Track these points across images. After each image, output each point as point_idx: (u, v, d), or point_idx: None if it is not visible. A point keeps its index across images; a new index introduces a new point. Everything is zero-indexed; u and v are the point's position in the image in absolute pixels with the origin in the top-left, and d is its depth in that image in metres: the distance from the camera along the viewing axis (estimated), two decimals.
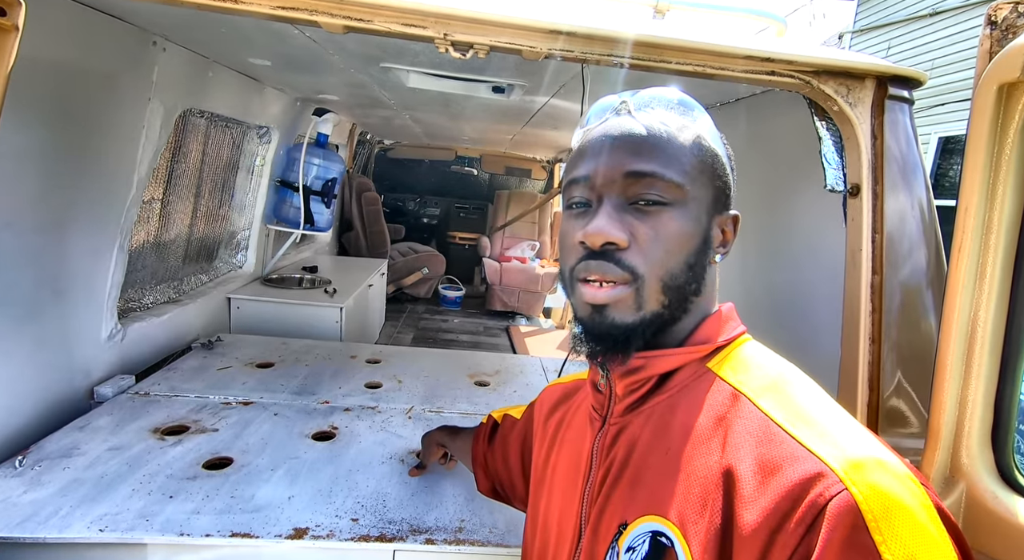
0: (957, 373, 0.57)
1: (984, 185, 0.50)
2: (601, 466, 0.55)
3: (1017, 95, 0.47)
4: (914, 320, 0.88)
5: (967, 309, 0.55)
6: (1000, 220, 0.51)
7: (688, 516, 0.45)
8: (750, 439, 0.45)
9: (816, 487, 0.40)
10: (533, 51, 0.86)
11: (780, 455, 0.43)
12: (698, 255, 0.52)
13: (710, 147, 0.54)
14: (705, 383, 0.51)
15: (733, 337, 0.55)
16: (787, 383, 0.49)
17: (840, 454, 0.42)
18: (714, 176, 0.54)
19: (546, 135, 3.41)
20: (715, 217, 0.54)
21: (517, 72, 1.59)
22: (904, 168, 0.88)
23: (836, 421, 0.45)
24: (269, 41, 1.49)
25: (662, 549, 0.46)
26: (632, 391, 0.54)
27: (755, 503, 0.42)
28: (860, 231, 0.86)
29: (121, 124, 1.45)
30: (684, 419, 0.50)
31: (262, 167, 2.66)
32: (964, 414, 0.59)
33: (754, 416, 0.47)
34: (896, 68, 0.86)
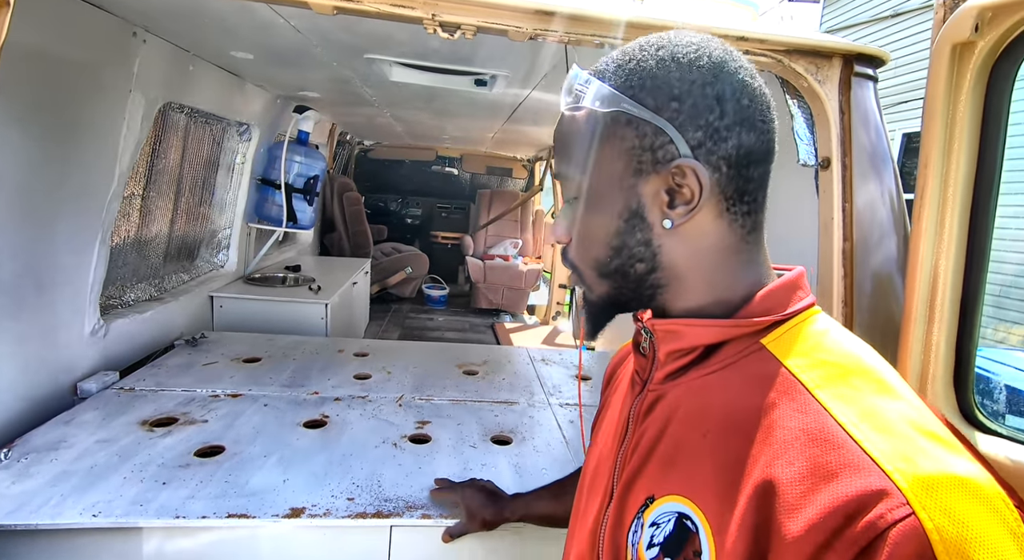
0: (922, 320, 0.62)
1: (942, 141, 0.55)
2: (635, 433, 0.52)
3: (968, 54, 0.52)
4: (882, 282, 0.93)
5: (929, 259, 0.59)
6: (957, 173, 0.56)
7: (718, 507, 0.42)
8: (802, 436, 0.39)
9: (877, 507, 0.34)
10: (519, 32, 0.89)
11: (837, 461, 0.37)
12: (624, 235, 0.48)
13: (605, 116, 0.48)
14: (756, 362, 0.45)
15: (798, 310, 0.47)
16: (858, 372, 0.42)
17: (911, 468, 0.35)
18: (618, 143, 0.47)
19: (527, 132, 3.45)
20: (638, 184, 0.47)
21: (501, 62, 1.62)
22: (870, 141, 0.93)
23: (915, 424, 0.38)
24: (253, 33, 1.49)
25: (686, 532, 0.43)
26: (674, 359, 0.50)
27: (800, 512, 0.37)
28: (831, 201, 0.91)
29: (102, 116, 1.44)
30: (727, 401, 0.45)
31: (243, 165, 2.64)
32: (929, 359, 0.63)
33: (811, 409, 0.40)
34: (860, 47, 0.91)
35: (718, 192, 0.46)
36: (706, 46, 0.47)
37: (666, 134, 0.45)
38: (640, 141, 0.46)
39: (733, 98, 0.45)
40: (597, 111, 0.48)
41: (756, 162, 0.47)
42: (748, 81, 0.46)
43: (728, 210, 0.47)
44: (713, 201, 0.47)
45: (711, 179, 0.46)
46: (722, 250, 0.48)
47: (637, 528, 0.48)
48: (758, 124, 0.46)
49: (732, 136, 0.45)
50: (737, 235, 0.48)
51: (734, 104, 0.45)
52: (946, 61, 0.52)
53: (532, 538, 1.08)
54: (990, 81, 0.53)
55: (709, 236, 0.47)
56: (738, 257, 0.48)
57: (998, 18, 0.49)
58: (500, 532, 1.02)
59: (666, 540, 0.45)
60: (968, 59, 0.52)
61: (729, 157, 0.46)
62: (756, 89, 0.47)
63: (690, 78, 0.45)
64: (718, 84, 0.45)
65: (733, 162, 0.46)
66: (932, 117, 0.55)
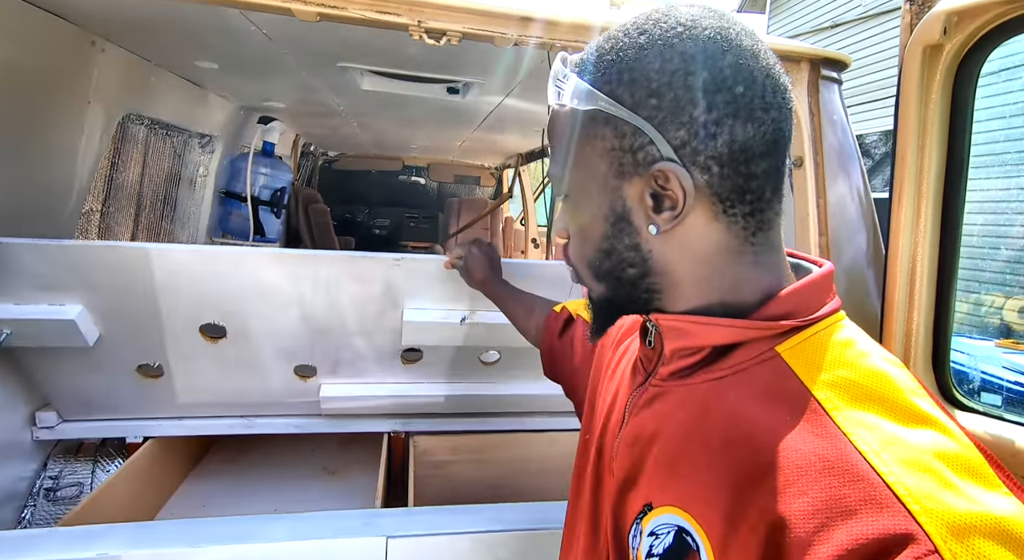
0: (903, 308, 0.66)
1: (915, 137, 0.59)
2: (632, 424, 0.49)
3: (938, 56, 0.56)
4: (857, 273, 0.98)
5: (908, 249, 0.63)
6: (929, 167, 0.60)
7: (722, 528, 0.38)
8: (818, 463, 0.35)
9: (902, 554, 0.30)
10: (504, 38, 0.90)
11: (856, 496, 0.33)
12: (612, 239, 0.45)
13: (584, 114, 0.44)
14: (770, 373, 0.41)
15: (819, 316, 0.42)
16: (883, 394, 0.37)
17: (940, 508, 0.31)
18: (599, 143, 0.44)
19: (495, 140, 3.47)
20: (622, 186, 0.43)
21: (476, 69, 1.63)
22: (838, 140, 0.98)
23: (946, 455, 0.34)
24: (220, 41, 1.45)
25: (686, 548, 0.40)
26: (680, 357, 0.46)
27: (813, 550, 0.33)
28: (806, 198, 0.96)
29: (59, 128, 1.37)
30: (735, 412, 0.41)
31: (205, 178, 2.55)
32: (910, 343, 0.67)
33: (828, 433, 0.36)
34: (826, 52, 0.97)
35: (710, 194, 0.41)
36: (694, 26, 0.41)
37: (646, 134, 0.41)
38: (620, 142, 0.42)
39: (724, 87, 0.39)
40: (575, 111, 0.44)
41: (758, 156, 0.41)
42: (743, 63, 0.40)
43: (725, 212, 0.42)
44: (706, 204, 0.42)
45: (701, 181, 0.41)
46: (722, 254, 0.43)
47: (636, 533, 0.46)
48: (757, 113, 0.40)
49: (723, 132, 0.40)
50: (739, 237, 0.43)
51: (725, 94, 0.39)
52: (917, 62, 0.56)
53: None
54: (957, 80, 0.58)
55: (705, 240, 0.43)
56: (742, 260, 0.43)
57: (963, 22, 0.54)
58: (499, 537, 1.02)
59: (666, 552, 0.42)
60: (937, 60, 0.56)
61: (720, 156, 0.40)
62: (755, 71, 0.40)
63: (671, 68, 0.40)
64: (704, 72, 0.39)
65: (726, 160, 0.40)
66: (906, 115, 0.59)
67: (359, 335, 1.37)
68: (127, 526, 0.96)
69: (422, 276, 1.27)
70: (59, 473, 1.41)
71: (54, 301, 1.17)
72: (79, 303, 1.18)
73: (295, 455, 1.76)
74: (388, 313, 1.33)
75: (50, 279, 1.16)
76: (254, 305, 1.26)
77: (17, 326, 1.15)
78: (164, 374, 1.35)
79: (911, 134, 0.59)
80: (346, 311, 1.31)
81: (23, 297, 1.16)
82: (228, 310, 1.26)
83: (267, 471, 1.68)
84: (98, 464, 1.46)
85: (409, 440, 1.57)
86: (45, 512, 1.35)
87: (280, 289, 1.25)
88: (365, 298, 1.29)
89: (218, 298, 1.24)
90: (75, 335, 1.19)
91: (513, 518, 1.06)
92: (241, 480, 1.62)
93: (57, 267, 1.14)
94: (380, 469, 1.42)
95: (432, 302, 1.32)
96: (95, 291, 1.19)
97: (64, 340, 1.20)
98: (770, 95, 0.41)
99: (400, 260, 1.23)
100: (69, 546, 0.90)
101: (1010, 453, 0.57)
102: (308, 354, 1.39)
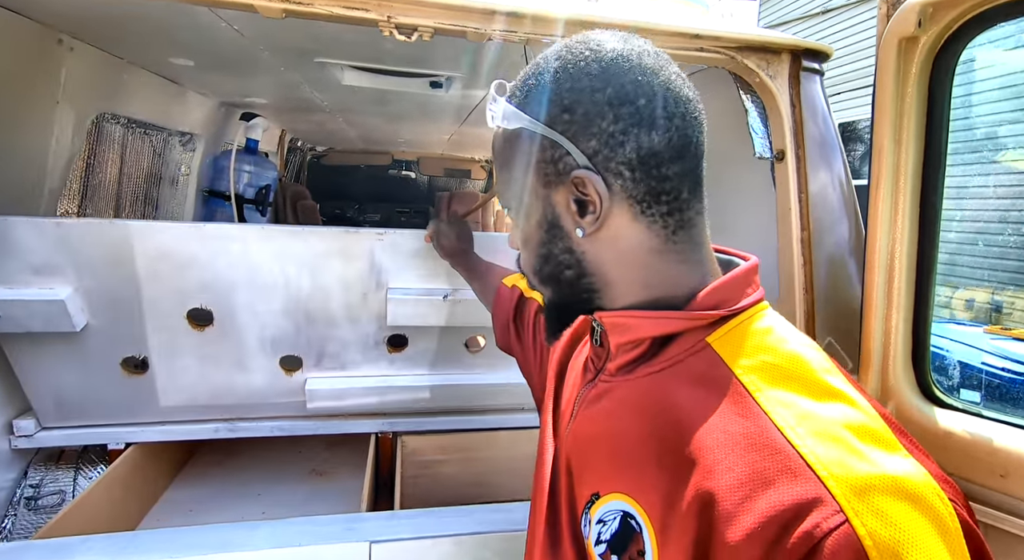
0: (881, 304, 0.65)
1: (892, 130, 0.57)
2: (581, 419, 0.54)
3: (913, 48, 0.55)
4: (838, 267, 0.97)
5: (886, 244, 0.62)
6: (907, 162, 0.59)
7: (661, 509, 0.42)
8: (743, 441, 0.39)
9: (811, 515, 0.34)
10: (477, 33, 0.87)
11: (774, 467, 0.37)
12: (548, 244, 0.49)
13: (510, 131, 0.49)
14: (701, 362, 0.45)
15: (744, 306, 0.46)
16: (798, 374, 0.42)
17: (844, 473, 0.35)
18: (526, 157, 0.48)
19: (483, 134, 3.43)
20: (550, 195, 0.48)
21: (456, 63, 1.60)
22: (820, 132, 0.97)
23: (853, 425, 0.38)
24: (192, 38, 1.42)
25: (631, 531, 0.44)
26: (624, 352, 0.50)
27: (738, 520, 0.37)
28: (788, 192, 0.94)
29: (26, 131, 1.33)
30: (671, 401, 0.45)
31: (187, 177, 2.51)
32: (889, 340, 0.66)
33: (751, 413, 0.40)
34: (807, 43, 0.95)
35: (627, 197, 0.46)
36: (599, 50, 0.46)
37: (562, 146, 0.46)
38: (542, 155, 0.47)
39: (626, 101, 0.44)
40: (504, 129, 0.50)
41: (668, 161, 0.45)
42: (643, 80, 0.45)
43: (643, 213, 0.46)
44: (624, 205, 0.46)
45: (616, 185, 0.45)
46: (647, 252, 0.47)
47: (586, 522, 0.49)
48: (660, 122, 0.45)
49: (629, 139, 0.44)
50: (660, 236, 0.47)
51: (628, 107, 0.44)
52: (893, 55, 0.55)
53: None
54: (933, 73, 0.56)
55: (629, 239, 0.47)
56: (667, 258, 0.47)
57: (939, 13, 0.52)
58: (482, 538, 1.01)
59: (612, 537, 0.45)
60: (913, 52, 0.55)
61: (630, 161, 0.45)
62: (655, 86, 0.45)
63: (579, 87, 0.45)
64: (608, 89, 0.44)
65: (636, 165, 0.45)
66: (882, 108, 0.58)
67: (345, 320, 1.38)
68: (105, 537, 0.94)
69: (405, 252, 1.33)
70: (40, 481, 1.39)
71: (44, 284, 1.19)
72: (69, 286, 1.19)
73: (282, 457, 1.75)
74: (372, 295, 1.36)
75: (43, 259, 1.17)
76: (242, 286, 1.28)
77: (6, 308, 1.15)
78: (148, 369, 1.34)
79: (887, 126, 0.57)
80: (332, 292, 1.34)
81: (15, 280, 1.17)
82: (216, 292, 1.28)
83: (254, 474, 1.66)
84: (80, 471, 1.44)
85: (397, 440, 1.56)
86: (26, 521, 1.33)
87: (267, 267, 1.28)
88: (351, 277, 1.33)
89: (208, 278, 1.26)
90: (63, 319, 1.18)
91: (497, 519, 1.06)
92: (228, 484, 1.61)
93: (51, 245, 1.16)
94: (367, 472, 1.41)
95: (416, 281, 1.37)
96: (86, 272, 1.20)
97: (52, 324, 1.19)
98: (672, 106, 0.45)
99: (383, 234, 1.30)
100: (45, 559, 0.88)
101: (987, 452, 0.57)
102: (293, 343, 1.39)
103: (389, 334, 1.44)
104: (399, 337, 1.46)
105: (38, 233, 1.15)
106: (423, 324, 1.39)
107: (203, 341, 1.34)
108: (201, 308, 1.30)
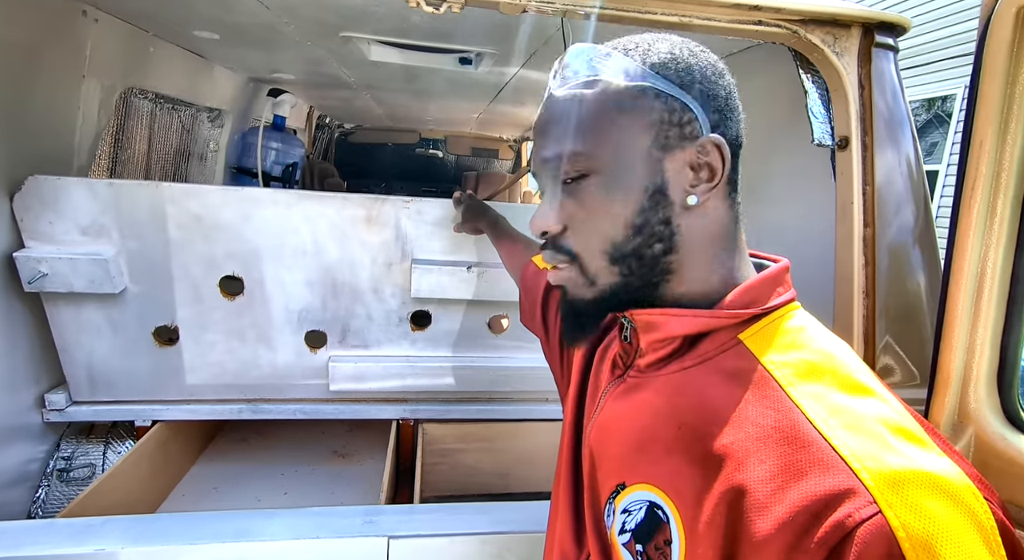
0: (966, 318, 0.56)
1: (998, 120, 0.49)
2: (607, 412, 0.54)
3: None
4: (903, 272, 0.88)
5: (977, 252, 0.54)
6: (1012, 158, 0.50)
7: (690, 499, 0.42)
8: (774, 434, 0.39)
9: (843, 506, 0.34)
10: (511, 5, 0.80)
11: (806, 459, 0.37)
12: (645, 213, 0.47)
13: (625, 89, 0.46)
14: (733, 358, 0.45)
15: (776, 305, 0.47)
16: (831, 369, 0.42)
17: (878, 466, 0.35)
18: (644, 116, 0.46)
19: (512, 112, 3.34)
20: (665, 158, 0.46)
21: (487, 38, 1.52)
22: (891, 117, 0.87)
23: (886, 421, 0.38)
24: (214, 9, 1.37)
25: (657, 520, 0.44)
26: (655, 349, 0.50)
27: (769, 510, 0.37)
28: (850, 184, 0.85)
29: (53, 106, 1.32)
30: (703, 395, 0.45)
31: (216, 153, 2.50)
32: (972, 359, 0.58)
33: (783, 407, 0.40)
34: (882, 15, 0.84)
35: (727, 176, 0.48)
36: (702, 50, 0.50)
37: (691, 111, 0.46)
38: (669, 116, 0.46)
39: (732, 92, 0.49)
40: (619, 85, 0.47)
41: (739, 154, 0.49)
42: (733, 82, 0.50)
43: (730, 194, 0.49)
44: (723, 184, 0.48)
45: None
46: (725, 235, 0.49)
47: (610, 512, 0.50)
48: (739, 118, 0.49)
49: (734, 123, 0.48)
50: (735, 221, 0.49)
51: (733, 97, 0.49)
52: (1008, 28, 0.45)
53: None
54: None
55: (720, 220, 0.48)
56: (733, 243, 0.49)
57: None
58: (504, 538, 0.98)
59: (637, 527, 0.46)
60: None
61: (735, 141, 0.48)
62: (736, 92, 0.50)
63: (702, 65, 0.47)
64: (725, 76, 0.49)
65: (734, 147, 0.48)
66: (987, 93, 0.49)
67: (370, 292, 1.39)
68: (126, 519, 0.94)
69: (430, 221, 1.34)
70: (71, 454, 1.42)
71: (90, 245, 1.24)
72: (113, 248, 1.25)
73: (305, 437, 1.76)
74: (397, 266, 1.37)
75: (91, 220, 1.22)
76: (271, 253, 1.31)
77: (53, 265, 1.19)
78: (178, 341, 1.36)
79: (992, 116, 0.48)
80: (358, 261, 1.35)
81: (63, 240, 1.22)
82: (248, 259, 1.31)
83: (277, 453, 1.67)
84: (109, 445, 1.46)
85: (418, 428, 1.54)
86: (59, 492, 1.37)
87: (297, 234, 1.31)
88: (376, 246, 1.34)
89: (241, 242, 1.29)
90: (105, 280, 1.23)
91: (519, 519, 1.02)
92: (251, 462, 1.62)
93: (100, 206, 1.21)
94: (387, 459, 1.39)
95: (441, 252, 1.38)
96: (130, 234, 1.25)
97: (95, 285, 1.23)
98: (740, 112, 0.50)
99: (410, 202, 1.33)
100: (68, 540, 0.89)
101: None
102: (319, 317, 1.40)
103: (413, 310, 1.43)
104: (422, 314, 1.45)
105: (90, 194, 1.20)
106: (447, 296, 1.38)
107: (232, 312, 1.35)
108: (233, 276, 1.32)
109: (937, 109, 6.17)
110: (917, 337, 0.85)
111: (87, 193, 1.20)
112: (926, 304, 0.86)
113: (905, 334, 0.85)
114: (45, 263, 1.20)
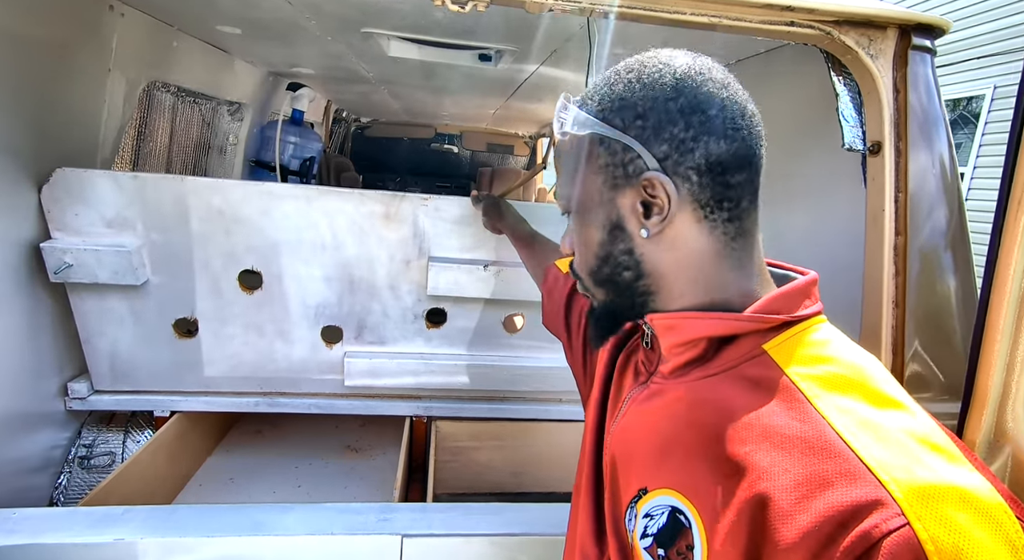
0: (1008, 334, 0.55)
1: None
2: (630, 416, 0.55)
3: None
4: (934, 282, 0.86)
5: (1021, 269, 0.52)
6: None
7: (713, 506, 0.42)
8: (800, 445, 0.39)
9: (871, 517, 0.34)
10: (536, 3, 0.79)
11: (833, 470, 0.37)
12: (609, 245, 0.51)
13: (578, 135, 0.51)
14: (758, 368, 0.45)
15: (802, 316, 0.47)
16: (859, 383, 0.42)
17: (908, 478, 0.35)
18: (595, 160, 0.50)
19: (530, 109, 3.32)
20: (616, 198, 0.49)
21: (508, 36, 1.51)
22: (926, 123, 0.84)
23: (915, 434, 0.38)
24: (238, 5, 1.38)
25: (679, 525, 0.45)
26: (678, 354, 0.51)
27: (793, 519, 0.37)
28: (882, 190, 0.83)
29: (80, 98, 1.34)
30: (727, 402, 0.45)
31: (235, 147, 2.53)
32: (1012, 376, 0.56)
33: (810, 418, 0.40)
34: (920, 16, 0.81)
35: (692, 200, 0.47)
36: (671, 63, 0.48)
37: (634, 150, 0.48)
38: (612, 158, 0.49)
39: (698, 109, 0.46)
40: (576, 135, 0.51)
41: (732, 169, 0.47)
42: (714, 92, 0.47)
43: (706, 217, 0.48)
44: (688, 210, 0.48)
45: (683, 188, 0.47)
46: (705, 255, 0.49)
47: (631, 517, 0.50)
48: (728, 132, 0.47)
49: (699, 146, 0.46)
50: (720, 241, 0.48)
51: (699, 116, 0.46)
52: None
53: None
54: None
55: (690, 242, 0.48)
56: (725, 263, 0.49)
57: None
58: (518, 541, 0.98)
59: (659, 532, 0.46)
60: None
61: (699, 167, 0.47)
62: (724, 99, 0.47)
63: (653, 96, 0.47)
64: (681, 98, 0.47)
65: (704, 171, 0.47)
66: None
67: (386, 289, 1.40)
68: (145, 510, 0.96)
69: (448, 218, 1.35)
70: (92, 442, 1.44)
71: (115, 237, 1.26)
72: (137, 240, 1.27)
73: (319, 430, 1.77)
74: (414, 263, 1.38)
75: (116, 212, 1.24)
76: (291, 247, 1.32)
77: (79, 257, 1.22)
78: (197, 334, 1.37)
79: None
80: (375, 257, 1.36)
81: (88, 232, 1.24)
82: (267, 252, 1.32)
83: (292, 446, 1.69)
84: (129, 434, 1.49)
85: (431, 424, 1.54)
86: (79, 479, 1.40)
87: (315, 229, 1.32)
88: (394, 242, 1.35)
89: (260, 237, 1.30)
90: (128, 272, 1.25)
91: (532, 519, 1.02)
92: (267, 454, 1.64)
93: (126, 199, 1.23)
94: (400, 456, 1.40)
95: (458, 250, 1.38)
96: (154, 227, 1.27)
97: (118, 276, 1.25)
98: (738, 118, 0.47)
99: (428, 199, 1.33)
100: (88, 529, 0.90)
101: None
102: (335, 313, 1.41)
103: (428, 307, 1.43)
104: (438, 311, 1.45)
105: (116, 187, 1.22)
106: (463, 294, 1.38)
107: (250, 306, 1.37)
108: (252, 270, 1.33)
109: (962, 109, 5.99)
110: (947, 349, 0.83)
111: (113, 186, 1.22)
112: (957, 315, 0.84)
113: (935, 346, 0.83)
114: (71, 254, 1.22)
